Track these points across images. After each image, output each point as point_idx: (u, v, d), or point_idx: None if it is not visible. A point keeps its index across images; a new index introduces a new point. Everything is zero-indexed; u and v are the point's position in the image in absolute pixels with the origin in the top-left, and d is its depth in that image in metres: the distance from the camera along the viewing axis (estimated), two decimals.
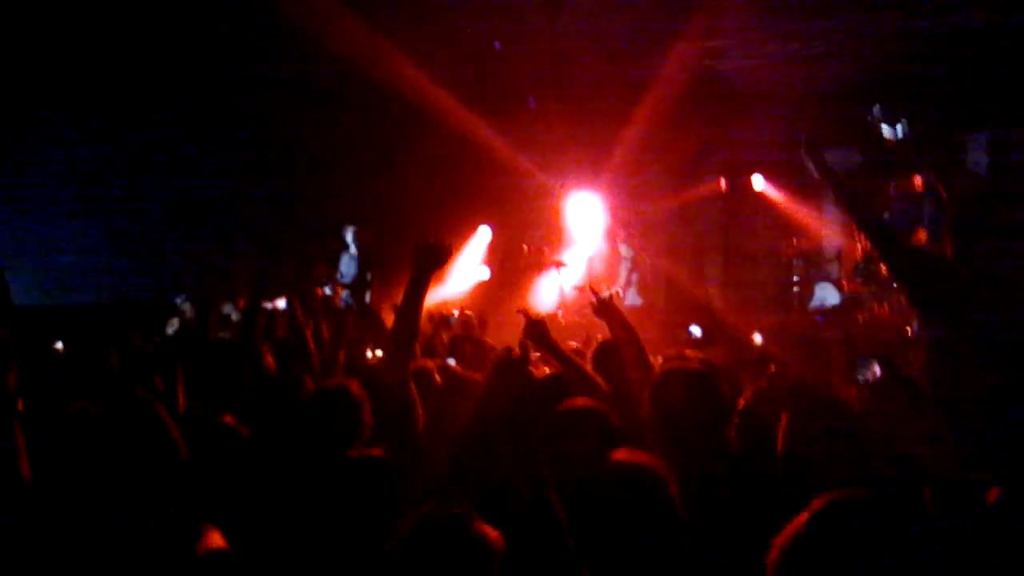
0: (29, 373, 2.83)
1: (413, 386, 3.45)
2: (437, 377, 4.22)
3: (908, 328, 7.50)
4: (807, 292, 12.01)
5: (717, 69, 11.25)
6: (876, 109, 9.18)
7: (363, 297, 11.31)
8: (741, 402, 3.27)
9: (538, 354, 4.85)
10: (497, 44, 12.83)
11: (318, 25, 10.32)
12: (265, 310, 6.66)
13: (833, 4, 10.31)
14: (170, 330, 8.49)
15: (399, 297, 3.55)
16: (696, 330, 5.92)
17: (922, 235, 8.86)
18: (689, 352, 5.27)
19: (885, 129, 9.02)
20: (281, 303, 6.74)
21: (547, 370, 4.16)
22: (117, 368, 4.13)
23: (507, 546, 2.03)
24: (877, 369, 4.75)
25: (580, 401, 3.01)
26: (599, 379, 3.88)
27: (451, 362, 5.20)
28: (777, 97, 11.65)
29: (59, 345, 4.70)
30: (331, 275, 12.13)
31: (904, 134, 9.05)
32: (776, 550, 1.54)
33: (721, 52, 11.35)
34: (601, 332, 5.35)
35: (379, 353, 5.71)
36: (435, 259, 3.74)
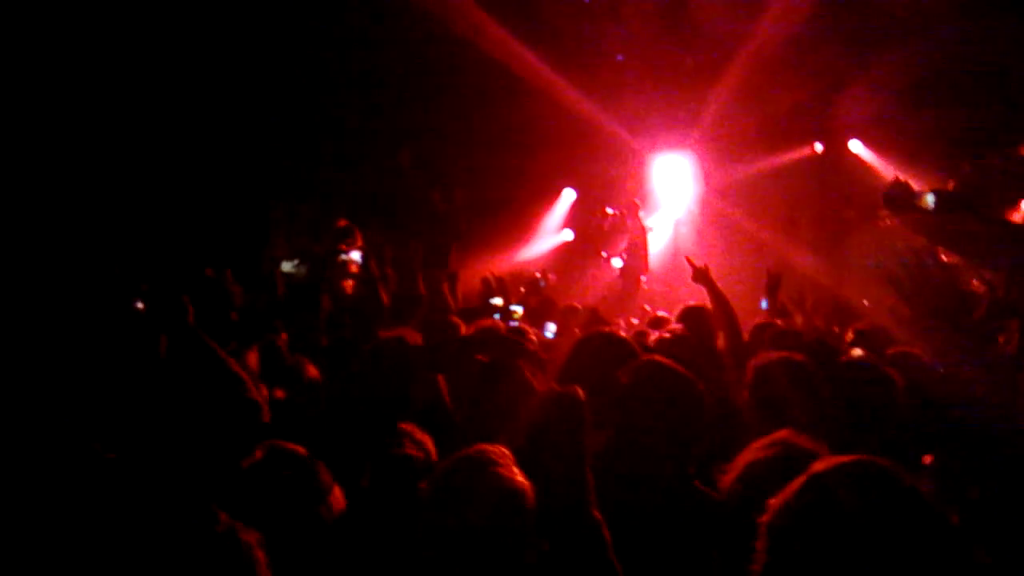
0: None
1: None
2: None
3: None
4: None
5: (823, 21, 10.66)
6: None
7: (447, 257, 11.29)
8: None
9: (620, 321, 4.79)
10: None
11: None
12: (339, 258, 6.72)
13: None
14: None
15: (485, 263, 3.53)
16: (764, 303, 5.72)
17: None
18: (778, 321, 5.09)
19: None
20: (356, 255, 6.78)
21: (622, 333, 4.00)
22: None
23: None
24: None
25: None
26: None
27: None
28: (881, 56, 11.06)
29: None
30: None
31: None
32: (771, 513, 1.49)
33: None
34: (691, 300, 5.21)
35: None
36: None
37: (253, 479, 2.35)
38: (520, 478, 2.03)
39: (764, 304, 5.82)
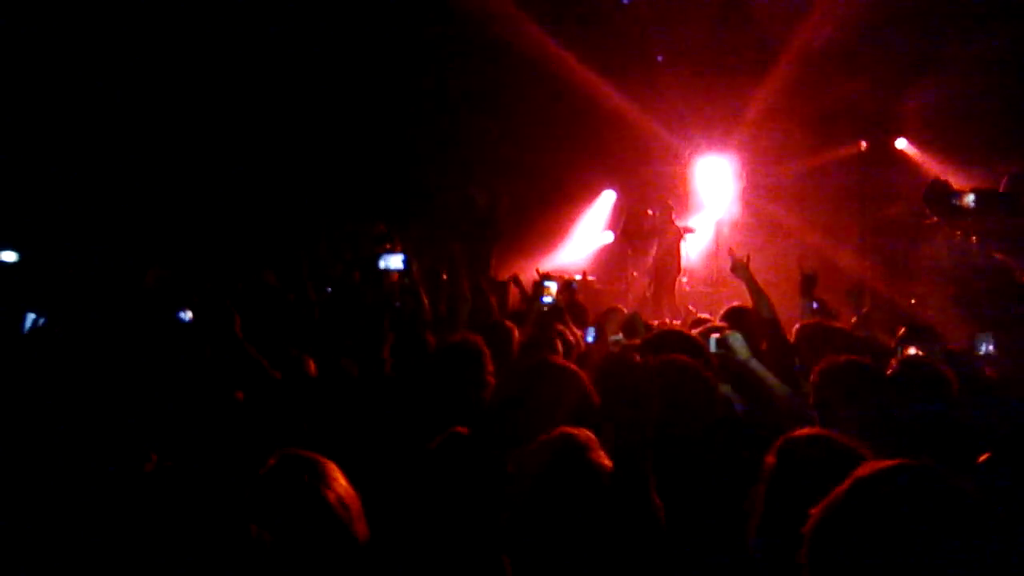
0: None
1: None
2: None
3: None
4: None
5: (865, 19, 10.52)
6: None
7: (488, 260, 11.28)
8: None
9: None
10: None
11: None
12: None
13: None
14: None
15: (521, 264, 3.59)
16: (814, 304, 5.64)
17: None
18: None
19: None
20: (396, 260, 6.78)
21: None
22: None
23: None
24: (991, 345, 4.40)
25: None
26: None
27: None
28: (929, 55, 10.87)
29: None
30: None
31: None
32: (813, 520, 1.44)
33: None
34: (734, 301, 5.16)
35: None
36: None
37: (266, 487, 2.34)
38: (607, 461, 2.10)
39: (815, 305, 5.73)
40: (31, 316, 4.48)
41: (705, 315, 6.27)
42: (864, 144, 12.51)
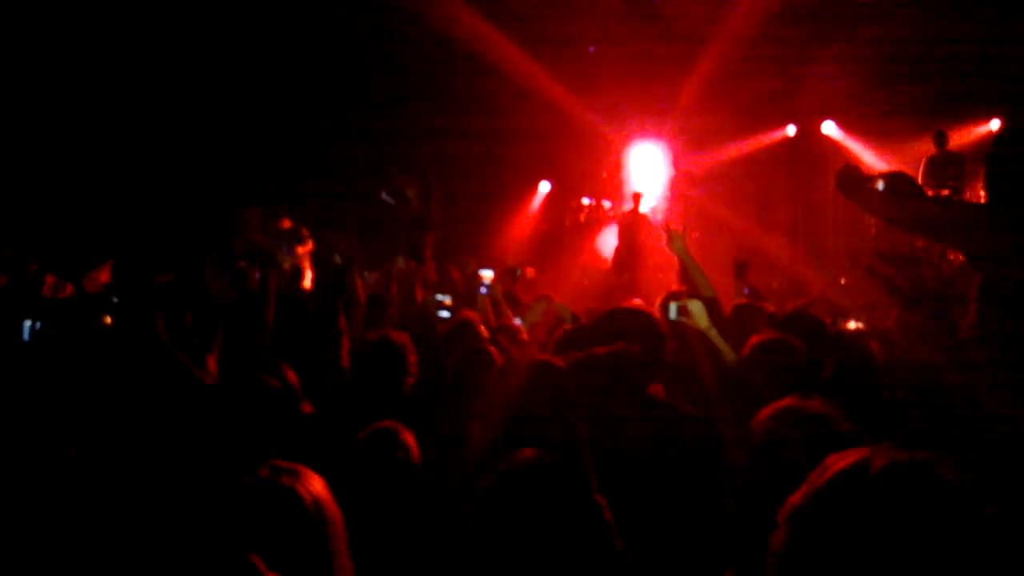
0: None
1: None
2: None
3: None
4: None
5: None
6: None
7: (423, 252, 11.19)
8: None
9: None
10: None
11: None
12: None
13: None
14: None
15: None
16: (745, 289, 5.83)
17: None
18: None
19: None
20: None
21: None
22: None
23: None
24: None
25: None
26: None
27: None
28: (852, 38, 11.11)
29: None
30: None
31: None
32: (790, 508, 1.39)
33: None
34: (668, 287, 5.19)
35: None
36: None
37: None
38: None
39: (746, 290, 5.87)
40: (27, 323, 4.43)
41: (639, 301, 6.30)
42: (793, 129, 12.76)
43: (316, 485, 2.07)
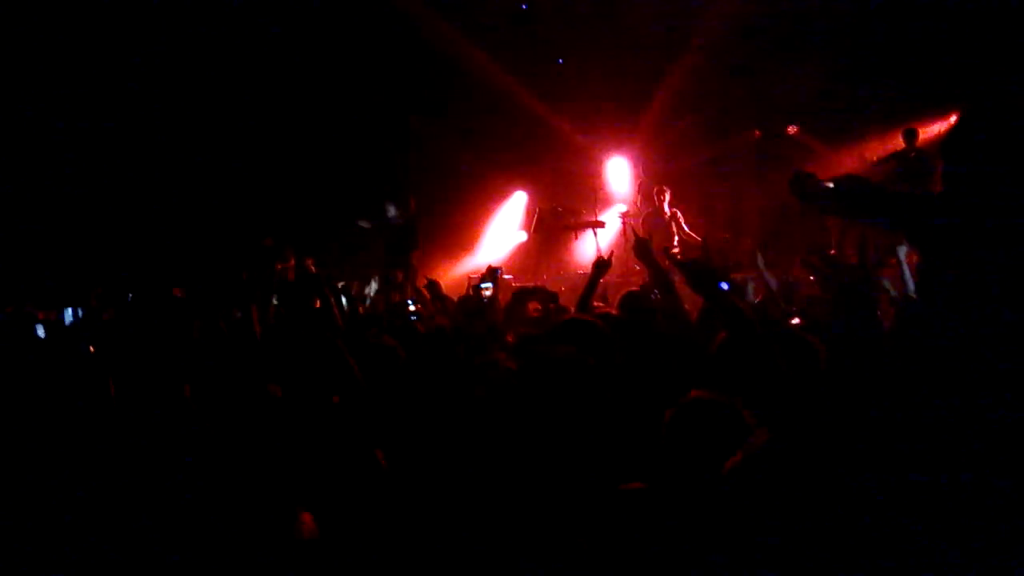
0: None
1: None
2: None
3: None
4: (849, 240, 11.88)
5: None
6: None
7: (408, 266, 11.39)
8: None
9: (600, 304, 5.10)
10: (524, 5, 12.82)
11: None
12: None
13: None
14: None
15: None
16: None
17: None
18: None
19: None
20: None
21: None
22: None
23: None
24: None
25: None
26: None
27: None
28: (810, 44, 11.50)
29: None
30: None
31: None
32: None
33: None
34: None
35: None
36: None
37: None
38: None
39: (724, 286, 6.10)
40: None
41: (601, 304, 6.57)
42: (757, 132, 13.14)
43: None
